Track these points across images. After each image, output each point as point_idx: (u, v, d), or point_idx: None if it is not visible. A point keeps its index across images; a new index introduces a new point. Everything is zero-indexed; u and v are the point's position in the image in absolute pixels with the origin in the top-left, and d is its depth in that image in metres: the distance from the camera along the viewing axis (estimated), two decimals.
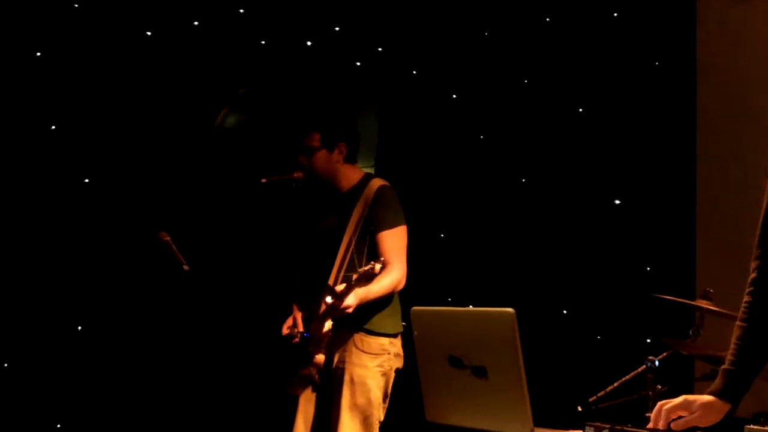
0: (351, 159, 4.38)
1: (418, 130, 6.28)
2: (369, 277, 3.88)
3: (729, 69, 5.35)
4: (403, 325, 4.24)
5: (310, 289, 4.29)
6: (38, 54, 5.35)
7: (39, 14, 5.32)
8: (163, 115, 5.62)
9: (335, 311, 3.97)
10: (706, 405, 2.37)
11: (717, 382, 2.41)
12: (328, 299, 3.96)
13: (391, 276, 4.09)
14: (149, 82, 5.61)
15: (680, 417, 2.39)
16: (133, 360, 5.43)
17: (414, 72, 6.28)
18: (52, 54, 5.37)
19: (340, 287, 3.95)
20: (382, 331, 4.19)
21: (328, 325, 4.06)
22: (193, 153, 5.72)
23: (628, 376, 3.85)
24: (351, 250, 4.13)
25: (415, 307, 3.17)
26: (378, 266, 3.80)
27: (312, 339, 4.12)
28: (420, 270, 4.49)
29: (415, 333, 3.10)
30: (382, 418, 4.22)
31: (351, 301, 3.94)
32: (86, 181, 5.45)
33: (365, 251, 4.17)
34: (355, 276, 3.86)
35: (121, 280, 5.38)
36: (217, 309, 5.46)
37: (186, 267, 4.27)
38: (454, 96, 6.23)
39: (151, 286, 5.31)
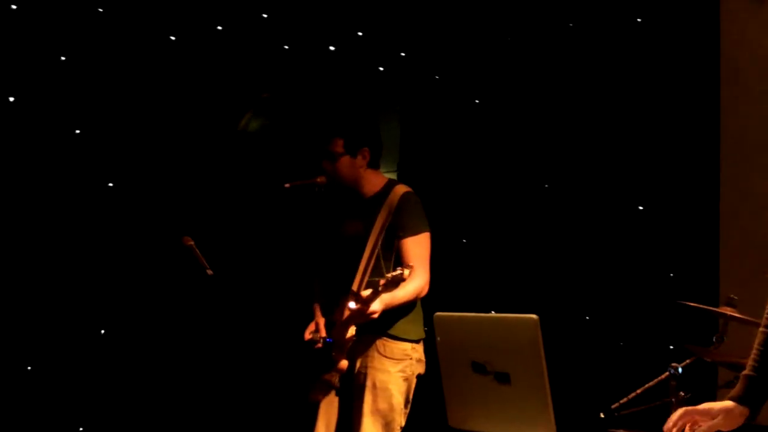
0: (374, 164, 4.41)
1: (441, 136, 6.29)
2: (397, 283, 3.91)
3: (752, 75, 5.35)
4: (425, 330, 4.27)
5: (332, 295, 4.32)
6: (63, 58, 5.41)
7: (63, 18, 5.38)
8: (187, 120, 5.67)
9: (360, 317, 4.01)
10: (726, 410, 2.39)
11: (737, 388, 2.42)
12: (352, 305, 3.99)
13: (416, 282, 4.12)
14: (173, 86, 5.66)
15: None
16: (156, 364, 5.47)
17: (437, 77, 6.30)
18: (77, 58, 5.42)
19: (366, 292, 3.99)
20: (405, 337, 4.22)
21: (351, 330, 4.09)
22: (217, 157, 5.77)
23: (651, 383, 3.86)
24: (375, 256, 4.15)
25: (438, 313, 3.20)
26: (407, 271, 3.84)
27: (335, 344, 4.14)
28: (443, 276, 4.52)
29: (438, 339, 3.12)
30: (403, 424, 4.23)
31: (377, 306, 3.98)
32: (110, 185, 5.50)
33: (389, 257, 4.20)
34: (382, 281, 3.88)
35: (144, 284, 5.43)
36: (239, 313, 5.50)
37: (209, 271, 4.30)
38: (477, 101, 6.24)
39: (175, 291, 5.35)
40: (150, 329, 5.47)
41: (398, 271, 3.86)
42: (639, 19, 5.74)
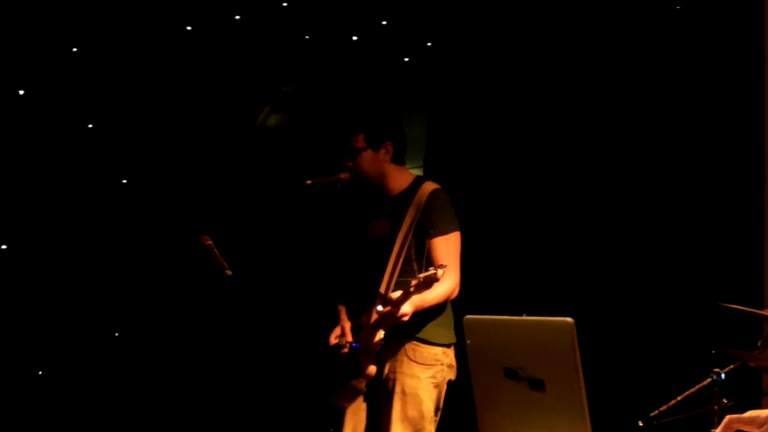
0: (399, 160, 4.42)
1: (470, 130, 6.28)
2: (430, 283, 3.88)
3: None
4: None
5: (358, 298, 4.34)
6: (74, 50, 5.45)
7: (76, 10, 5.42)
8: (204, 114, 5.70)
9: (389, 320, 4.01)
10: None
11: None
12: (380, 308, 4.00)
13: (447, 284, 4.12)
14: (189, 78, 5.68)
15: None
16: (174, 368, 5.51)
17: (465, 67, 6.29)
18: (90, 50, 5.46)
19: (395, 294, 3.97)
20: (436, 341, 4.24)
21: (379, 334, 4.11)
22: (235, 154, 5.79)
23: (692, 390, 3.85)
24: (403, 257, 4.16)
25: (468, 316, 3.20)
26: (440, 271, 3.81)
27: (362, 349, 4.16)
28: (473, 277, 4.52)
29: (469, 343, 3.13)
30: None
31: (407, 309, 3.98)
32: (124, 182, 5.54)
33: (418, 258, 4.21)
34: (414, 282, 3.86)
35: (161, 285, 5.47)
36: (260, 316, 5.52)
37: (229, 272, 4.33)
38: (508, 92, 6.23)
39: (193, 292, 5.39)
40: (167, 332, 5.51)
41: (431, 271, 3.83)
42: (678, 6, 5.72)
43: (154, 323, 5.53)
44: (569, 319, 2.73)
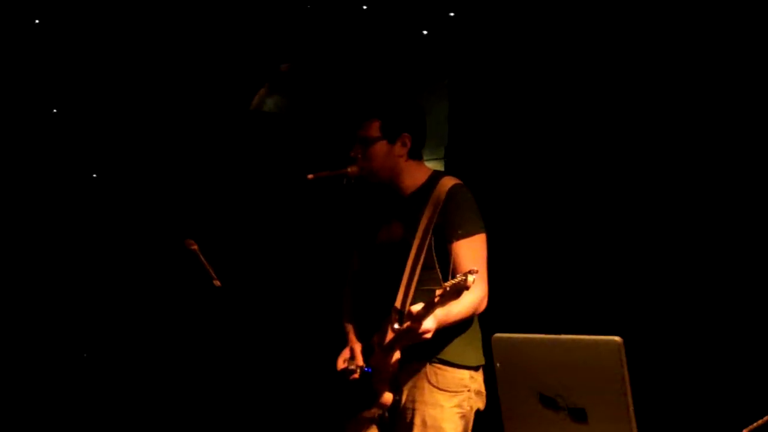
0: (416, 154, 4.44)
1: (499, 116, 6.27)
2: (459, 292, 3.77)
3: None
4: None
5: (369, 314, 4.35)
6: (37, 21, 5.48)
7: None
8: (190, 97, 5.71)
9: (409, 338, 3.98)
10: None
11: None
12: (397, 325, 4.00)
13: (474, 294, 4.07)
14: (172, 53, 5.68)
15: None
16: (159, 392, 5.55)
17: (494, 42, 6.28)
18: (60, 32, 5.50)
19: (416, 307, 3.90)
20: (462, 363, 4.22)
21: (396, 356, 4.10)
22: (225, 144, 5.81)
23: (759, 423, 3.87)
24: (420, 264, 4.15)
25: (497, 334, 3.22)
26: (471, 278, 3.68)
27: (375, 374, 4.17)
28: (500, 288, 4.53)
29: (498, 365, 3.15)
30: None
31: (429, 324, 3.93)
32: (94, 176, 5.57)
33: (442, 265, 4.22)
34: (439, 291, 3.77)
35: (142, 296, 5.49)
36: (254, 335, 5.54)
37: (217, 282, 4.34)
38: (546, 71, 6.21)
39: (178, 305, 5.42)
40: (152, 352, 5.55)
41: (459, 278, 3.71)
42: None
43: (133, 344, 5.56)
44: (617, 338, 2.74)
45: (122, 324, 5.55)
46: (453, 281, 3.73)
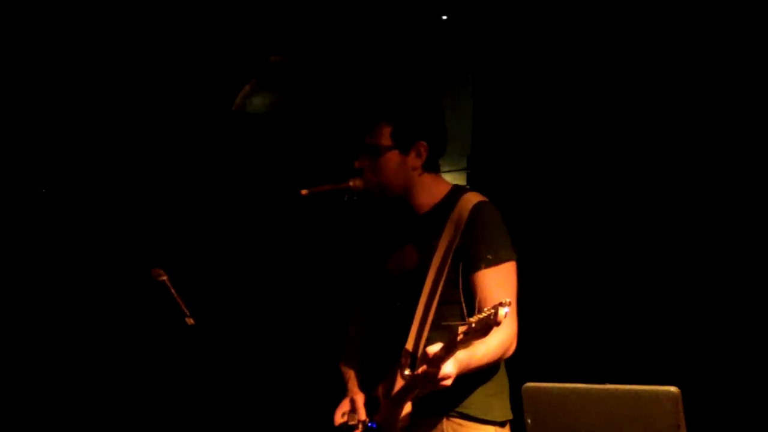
0: (432, 166, 4.42)
1: (532, 120, 6.29)
2: (486, 330, 3.56)
3: None
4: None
5: (374, 358, 4.35)
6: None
7: None
8: (161, 94, 5.74)
9: (424, 386, 3.89)
10: None
11: None
12: (408, 371, 3.97)
13: (502, 334, 4.00)
14: (142, 41, 5.71)
15: None
16: None
17: (527, 30, 6.28)
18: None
19: (433, 348, 3.76)
20: (486, 417, 4.19)
21: (406, 409, 4.08)
22: (203, 151, 5.83)
23: None
24: (437, 297, 4.14)
25: (528, 384, 3.22)
26: (503, 311, 3.46)
27: (381, 430, 4.18)
28: (530, 328, 4.50)
29: (528, 421, 3.15)
30: None
31: (450, 369, 3.79)
32: (43, 190, 5.60)
33: (467, 298, 4.19)
34: (463, 328, 3.61)
35: (101, 335, 5.52)
36: (237, 381, 5.56)
37: (190, 320, 4.32)
38: (586, 68, 6.22)
39: (145, 347, 5.44)
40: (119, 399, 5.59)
41: (488, 312, 3.52)
42: None
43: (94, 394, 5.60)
44: (673, 389, 2.74)
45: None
46: (480, 316, 3.54)
